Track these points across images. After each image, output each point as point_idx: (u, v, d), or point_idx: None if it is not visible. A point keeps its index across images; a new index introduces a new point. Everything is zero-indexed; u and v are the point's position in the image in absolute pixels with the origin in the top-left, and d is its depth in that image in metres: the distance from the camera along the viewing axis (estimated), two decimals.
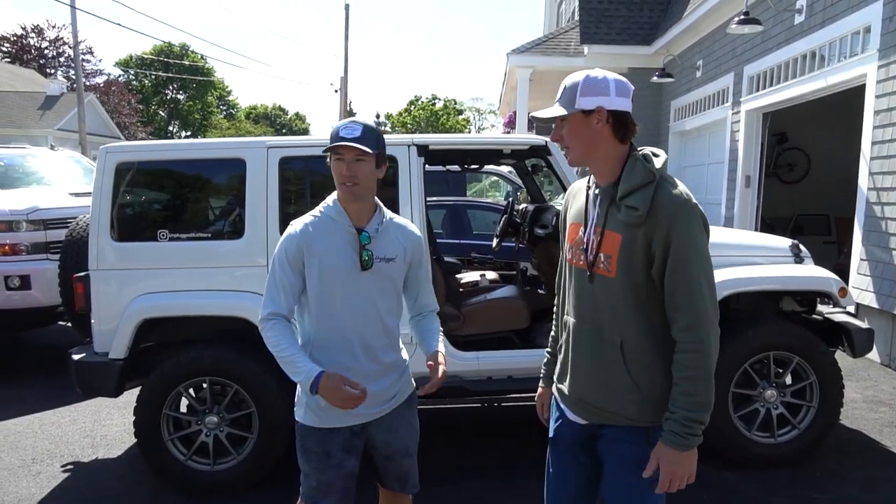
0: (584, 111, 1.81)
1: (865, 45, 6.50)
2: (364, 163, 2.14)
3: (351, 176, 2.13)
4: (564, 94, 1.85)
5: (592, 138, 1.83)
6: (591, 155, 1.86)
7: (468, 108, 66.23)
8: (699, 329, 1.75)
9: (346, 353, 2.21)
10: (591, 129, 1.82)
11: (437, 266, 3.92)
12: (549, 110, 1.88)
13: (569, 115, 1.83)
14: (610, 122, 1.81)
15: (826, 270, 3.95)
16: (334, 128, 2.18)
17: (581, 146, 1.85)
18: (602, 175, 1.89)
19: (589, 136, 1.83)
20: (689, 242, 1.75)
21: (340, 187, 2.17)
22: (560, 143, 1.89)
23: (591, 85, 1.80)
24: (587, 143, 1.84)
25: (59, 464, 4.05)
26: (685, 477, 1.78)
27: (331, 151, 2.15)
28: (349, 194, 2.17)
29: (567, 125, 1.85)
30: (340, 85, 28.75)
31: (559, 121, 1.87)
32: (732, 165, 9.50)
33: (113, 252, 3.57)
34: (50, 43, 40.53)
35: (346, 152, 2.13)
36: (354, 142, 2.10)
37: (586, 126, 1.82)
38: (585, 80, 1.81)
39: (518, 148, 4.08)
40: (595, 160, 1.87)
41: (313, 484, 2.28)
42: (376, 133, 2.20)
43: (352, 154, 2.13)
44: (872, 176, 6.26)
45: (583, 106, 1.80)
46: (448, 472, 3.77)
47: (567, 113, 1.82)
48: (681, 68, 11.67)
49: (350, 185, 2.14)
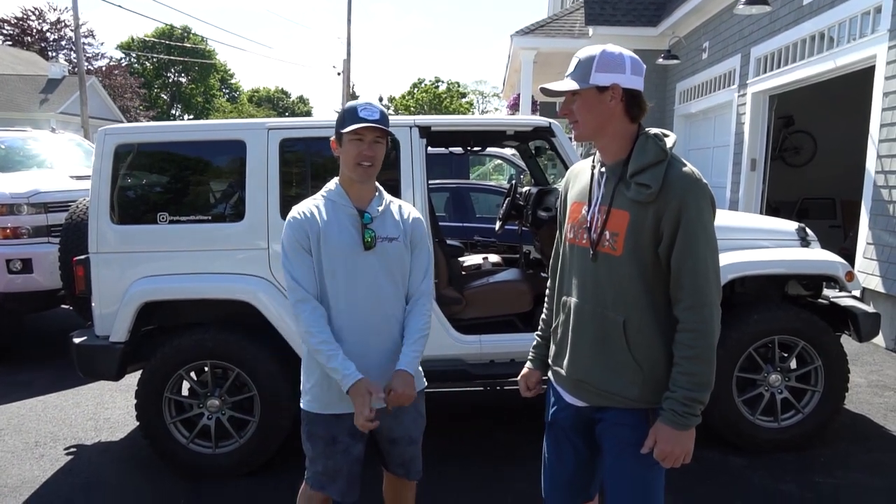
0: (598, 87, 1.77)
1: (876, 25, 6.40)
2: (381, 145, 2.19)
3: (371, 156, 2.16)
4: (579, 67, 1.79)
5: (604, 115, 1.80)
6: (601, 132, 1.82)
7: (472, 91, 65.96)
8: (702, 308, 1.73)
9: (353, 336, 2.19)
10: (604, 106, 1.79)
11: (439, 249, 3.89)
12: (562, 83, 1.83)
13: (582, 90, 1.78)
14: (623, 100, 1.78)
15: (832, 254, 3.91)
16: (350, 107, 2.18)
17: (592, 122, 1.81)
18: (609, 153, 1.85)
19: (601, 112, 1.79)
20: (699, 221, 1.73)
21: (355, 168, 2.16)
22: (569, 118, 1.85)
23: (607, 61, 1.76)
24: (598, 119, 1.80)
25: (62, 447, 4.05)
26: (682, 456, 1.77)
27: (350, 132, 2.13)
28: (365, 175, 2.18)
29: (579, 100, 1.80)
30: (343, 67, 28.59)
31: (570, 95, 1.83)
32: (738, 149, 9.42)
33: (113, 235, 3.55)
34: (51, 26, 40.31)
35: (367, 133, 2.14)
36: (377, 124, 2.13)
37: (599, 102, 1.78)
38: (602, 55, 1.77)
39: (521, 130, 4.03)
40: (603, 137, 1.83)
41: (319, 469, 2.27)
42: (388, 116, 2.24)
43: (373, 135, 2.15)
44: (881, 159, 6.19)
45: (598, 82, 1.76)
46: (451, 456, 3.77)
47: (580, 88, 1.78)
48: (686, 50, 11.54)
49: (367, 165, 2.16)
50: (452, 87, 64.82)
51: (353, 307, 2.19)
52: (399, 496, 2.51)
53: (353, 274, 2.18)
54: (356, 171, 2.16)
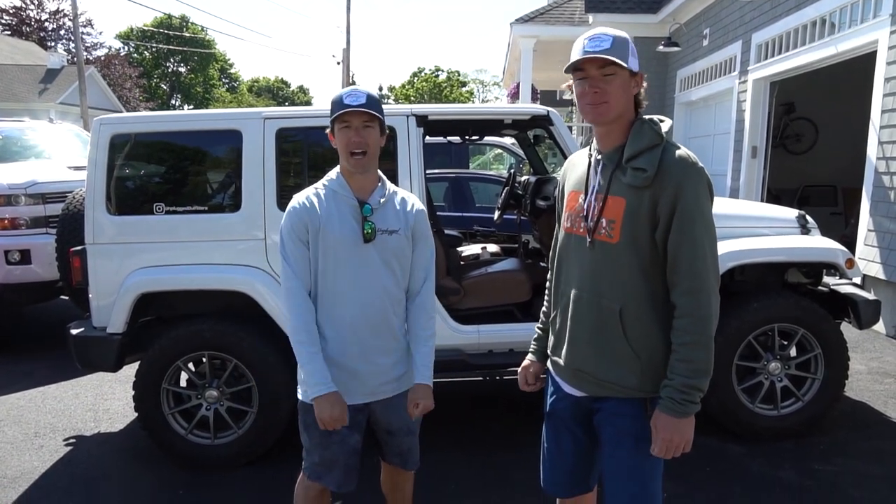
0: (631, 72, 1.76)
1: (878, 10, 6.34)
2: (372, 129, 2.13)
3: (360, 142, 2.11)
4: (617, 46, 1.73)
5: (630, 100, 1.80)
6: (622, 115, 1.80)
7: (472, 80, 65.68)
8: (700, 294, 1.72)
9: (351, 328, 2.18)
10: (630, 91, 1.79)
11: (437, 239, 3.87)
12: (612, 53, 1.73)
13: (625, 68, 1.74)
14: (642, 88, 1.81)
15: (832, 241, 3.89)
16: (336, 97, 2.14)
17: (622, 104, 1.78)
18: (608, 140, 1.84)
19: (628, 96, 1.80)
20: (696, 205, 1.72)
21: (348, 157, 2.13)
22: (596, 96, 1.75)
23: (633, 48, 1.78)
24: (627, 102, 1.80)
25: (61, 437, 4.06)
26: (682, 444, 1.75)
27: (336, 120, 2.10)
28: (359, 165, 2.13)
29: (618, 79, 1.75)
30: (343, 57, 28.44)
31: (598, 72, 1.74)
32: (739, 136, 9.37)
33: (109, 226, 3.53)
34: (50, 15, 40.12)
35: (353, 119, 2.10)
36: (362, 108, 2.08)
37: (628, 86, 1.78)
38: (630, 42, 1.77)
39: (520, 118, 4.00)
40: (619, 121, 1.81)
41: (316, 460, 2.27)
42: (377, 100, 2.18)
43: (359, 120, 2.11)
44: (882, 145, 6.15)
45: (632, 67, 1.76)
46: (450, 446, 3.77)
47: (628, 67, 1.74)
48: (687, 37, 11.46)
49: (359, 152, 2.11)
50: (452, 76, 64.54)
51: (352, 299, 2.17)
52: (397, 487, 2.51)
53: (352, 266, 2.16)
54: (351, 160, 2.13)
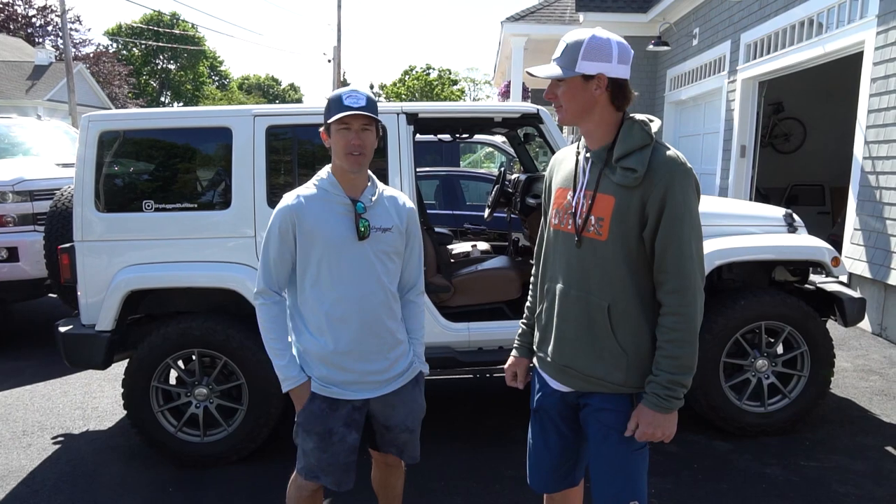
0: (584, 76, 1.76)
1: (864, 10, 6.39)
2: (370, 132, 2.15)
3: (360, 145, 2.12)
4: (566, 52, 1.78)
5: (588, 103, 1.79)
6: (585, 118, 1.83)
7: (463, 79, 65.69)
8: (685, 292, 1.74)
9: (345, 324, 2.18)
10: (589, 95, 1.78)
11: (427, 237, 3.88)
12: (547, 68, 1.82)
13: (567, 78, 1.77)
14: (609, 89, 1.78)
15: (819, 240, 3.92)
16: (334, 96, 2.14)
17: (576, 109, 1.81)
18: (594, 139, 1.86)
19: (585, 100, 1.79)
20: (684, 205, 1.74)
21: (346, 158, 2.13)
22: (553, 102, 1.85)
23: (594, 49, 1.75)
24: (582, 106, 1.80)
25: (49, 436, 4.04)
26: (661, 438, 1.80)
27: (335, 121, 2.10)
28: (356, 165, 2.14)
29: (564, 86, 1.80)
30: (334, 55, 28.38)
31: (555, 80, 1.82)
32: (728, 135, 9.42)
33: (97, 223, 3.52)
34: (38, 11, 39.77)
35: (353, 121, 2.11)
36: (362, 111, 2.09)
37: (584, 91, 1.78)
38: (590, 42, 1.75)
39: (509, 116, 4.00)
40: (588, 122, 1.84)
41: (313, 461, 2.25)
42: (375, 101, 2.20)
43: (359, 123, 2.12)
44: (868, 145, 6.21)
45: (584, 70, 1.76)
46: (439, 442, 3.78)
47: (565, 77, 1.77)
48: (677, 36, 11.51)
49: (357, 154, 2.12)
50: (444, 74, 64.50)
51: (348, 297, 2.17)
52: (387, 483, 2.51)
53: (346, 263, 2.16)
54: (347, 161, 2.13)
